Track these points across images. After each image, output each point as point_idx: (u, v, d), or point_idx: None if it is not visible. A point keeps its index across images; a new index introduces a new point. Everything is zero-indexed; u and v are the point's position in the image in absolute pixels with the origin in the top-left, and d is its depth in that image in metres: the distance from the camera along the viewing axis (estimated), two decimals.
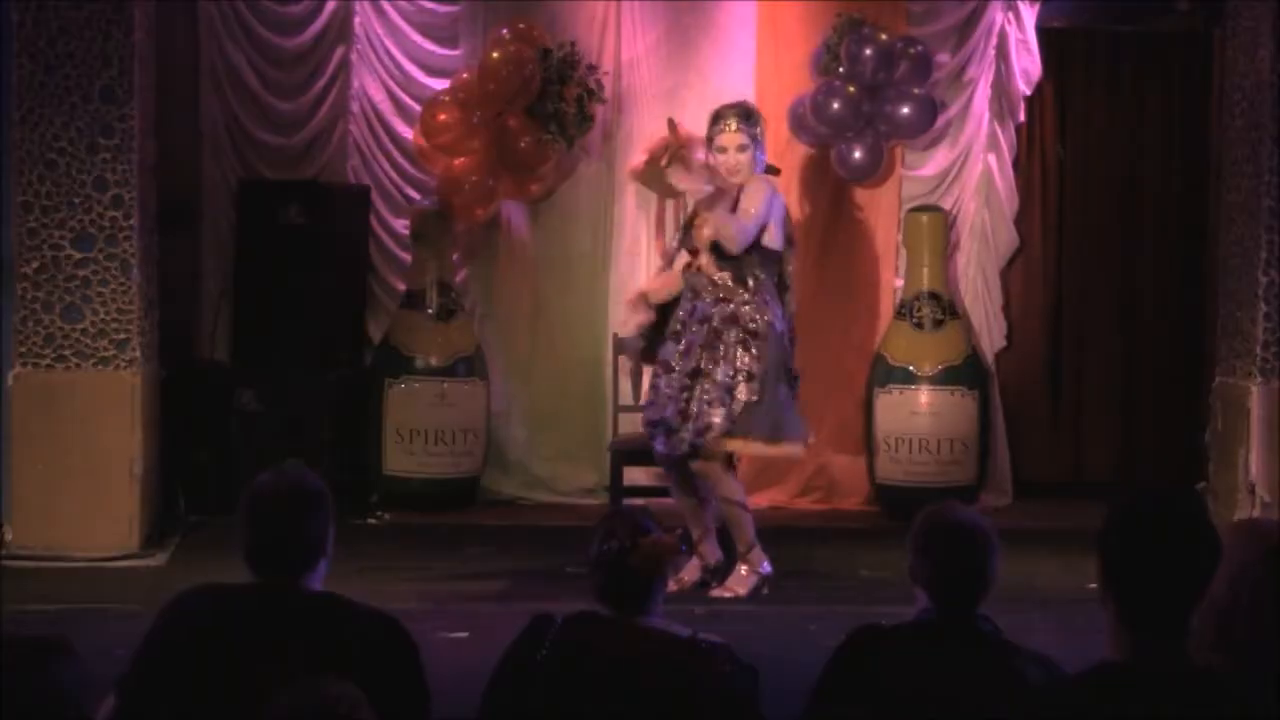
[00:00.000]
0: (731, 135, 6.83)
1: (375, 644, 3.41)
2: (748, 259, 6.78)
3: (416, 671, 3.44)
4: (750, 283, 6.79)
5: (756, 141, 6.85)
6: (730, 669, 3.56)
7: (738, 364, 6.72)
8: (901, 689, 3.42)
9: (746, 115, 6.91)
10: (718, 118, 6.91)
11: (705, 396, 6.70)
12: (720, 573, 6.95)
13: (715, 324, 6.75)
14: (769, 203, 6.83)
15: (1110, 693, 2.74)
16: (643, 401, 7.10)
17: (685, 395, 6.72)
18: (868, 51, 8.59)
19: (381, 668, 3.34)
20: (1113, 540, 2.82)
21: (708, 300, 6.79)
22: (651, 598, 3.62)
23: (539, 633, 3.55)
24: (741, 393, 6.70)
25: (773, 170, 7.09)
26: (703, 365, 6.73)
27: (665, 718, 3.47)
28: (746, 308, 6.77)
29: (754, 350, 6.74)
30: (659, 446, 6.85)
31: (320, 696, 2.77)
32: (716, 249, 6.78)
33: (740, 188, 6.81)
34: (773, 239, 6.84)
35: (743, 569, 6.91)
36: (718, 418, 6.68)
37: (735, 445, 6.80)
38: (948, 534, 3.56)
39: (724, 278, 6.79)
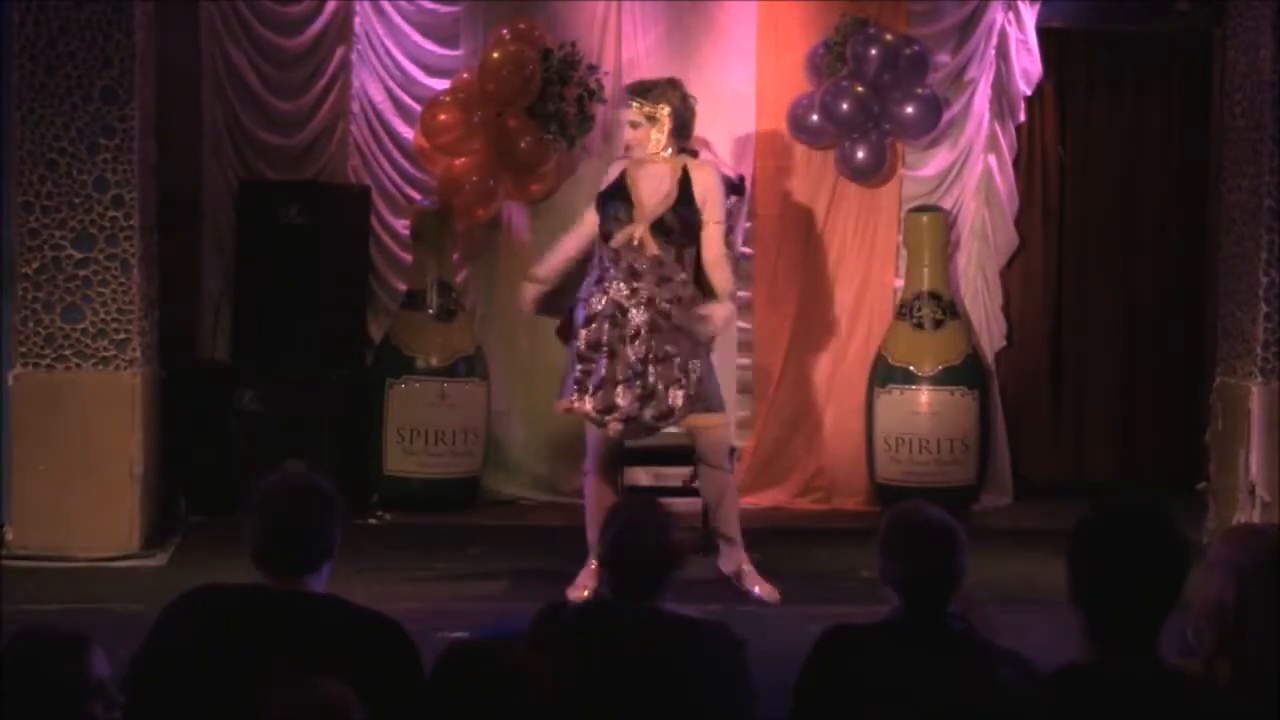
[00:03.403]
0: (631, 111, 6.82)
1: (376, 646, 3.42)
2: (685, 237, 6.69)
3: (416, 673, 3.45)
4: (686, 259, 6.69)
5: (653, 120, 6.77)
6: (717, 642, 3.61)
7: (686, 341, 6.63)
8: (874, 688, 3.43)
9: (643, 90, 6.85)
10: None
11: (662, 380, 6.58)
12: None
13: (660, 306, 6.60)
14: (723, 195, 6.82)
15: (1077, 700, 2.73)
16: (570, 388, 6.74)
17: (639, 381, 6.57)
18: (873, 51, 8.58)
19: (382, 669, 3.35)
20: (1079, 555, 2.82)
21: (650, 281, 6.63)
22: (660, 587, 3.66)
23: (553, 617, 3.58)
24: (694, 369, 6.62)
25: (738, 188, 6.95)
26: (654, 349, 6.58)
27: (652, 691, 3.50)
28: (688, 288, 6.67)
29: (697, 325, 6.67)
30: (616, 432, 6.67)
31: (319, 697, 2.78)
32: (657, 226, 6.67)
33: (685, 171, 6.76)
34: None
35: (755, 573, 6.89)
36: (679, 399, 6.58)
37: (698, 420, 6.71)
38: (915, 533, 3.57)
39: (664, 256, 6.67)
